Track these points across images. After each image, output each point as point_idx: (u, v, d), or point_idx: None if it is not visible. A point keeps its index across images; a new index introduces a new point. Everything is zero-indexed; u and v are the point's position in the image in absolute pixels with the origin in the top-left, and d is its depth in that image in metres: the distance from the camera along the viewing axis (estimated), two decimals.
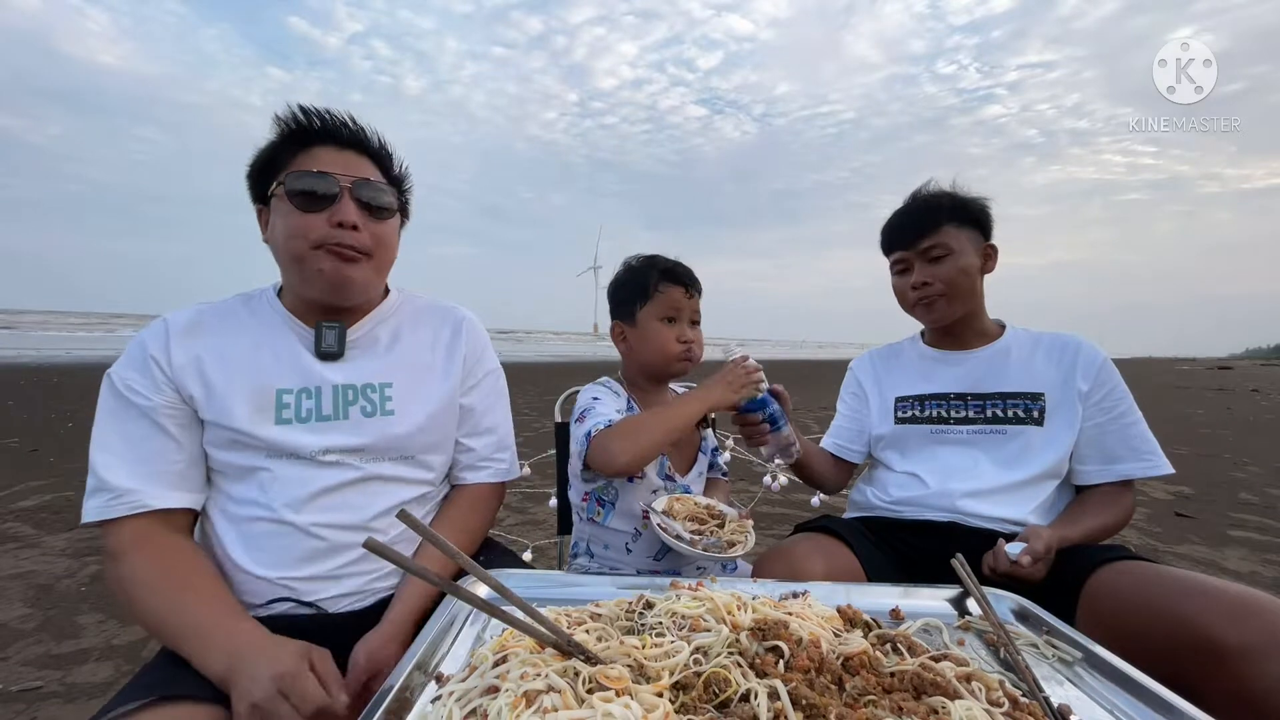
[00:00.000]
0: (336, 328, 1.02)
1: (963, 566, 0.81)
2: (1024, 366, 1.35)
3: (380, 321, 1.09)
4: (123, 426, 0.93)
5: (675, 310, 1.33)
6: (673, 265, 1.34)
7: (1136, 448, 1.26)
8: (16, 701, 1.75)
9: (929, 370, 1.45)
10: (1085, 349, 1.32)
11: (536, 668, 0.53)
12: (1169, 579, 0.93)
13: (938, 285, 1.33)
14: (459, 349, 1.14)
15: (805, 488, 1.64)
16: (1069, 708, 0.58)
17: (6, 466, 4.48)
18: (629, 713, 0.47)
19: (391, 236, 1.03)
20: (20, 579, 2.59)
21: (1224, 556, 3.30)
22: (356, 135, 1.00)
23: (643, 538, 1.32)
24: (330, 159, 0.96)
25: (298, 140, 0.97)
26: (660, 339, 1.32)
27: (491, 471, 1.17)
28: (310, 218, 0.93)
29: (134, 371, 0.94)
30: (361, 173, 0.98)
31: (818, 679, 0.56)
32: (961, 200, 1.36)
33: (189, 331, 0.97)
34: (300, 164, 0.95)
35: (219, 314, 1.02)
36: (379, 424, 1.02)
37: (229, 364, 0.96)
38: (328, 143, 0.97)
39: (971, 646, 0.73)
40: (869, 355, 1.62)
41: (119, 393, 0.94)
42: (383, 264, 1.03)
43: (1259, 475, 5.48)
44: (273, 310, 1.03)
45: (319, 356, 1.01)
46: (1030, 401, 1.31)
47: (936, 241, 1.32)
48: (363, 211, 0.96)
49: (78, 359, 15.36)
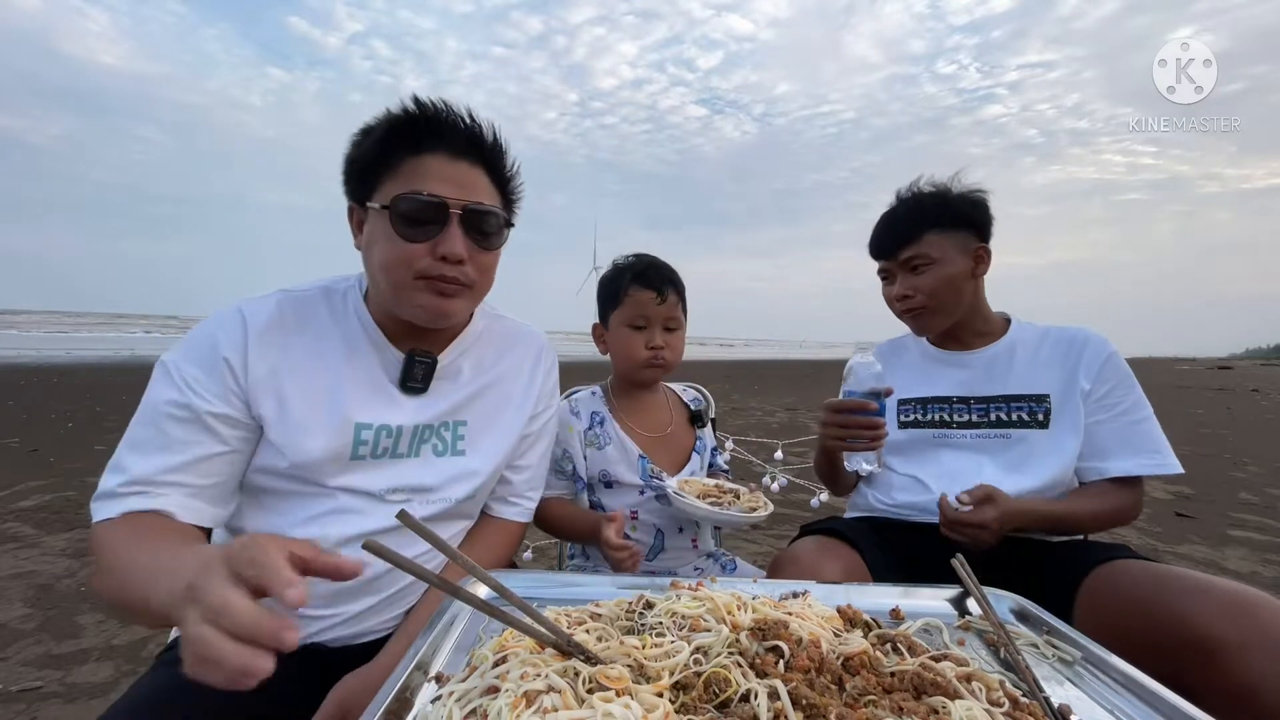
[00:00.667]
0: (428, 362, 0.95)
1: (963, 566, 0.81)
2: (1028, 367, 1.30)
3: (464, 351, 1.02)
4: (167, 427, 0.81)
5: (643, 317, 1.30)
6: (645, 268, 1.31)
7: (1138, 445, 1.21)
8: (16, 701, 1.75)
9: (931, 372, 1.41)
10: (1092, 344, 1.27)
11: (536, 668, 0.53)
12: (1164, 577, 0.93)
13: (919, 298, 1.30)
14: (536, 383, 1.09)
15: (805, 488, 1.64)
16: (1069, 708, 0.58)
17: (6, 466, 4.48)
18: (629, 713, 0.47)
19: (494, 265, 0.95)
20: (20, 579, 2.59)
21: (1224, 556, 3.30)
22: (472, 138, 0.89)
23: (633, 537, 1.32)
24: (441, 170, 0.86)
25: (408, 142, 0.86)
26: (627, 346, 1.31)
27: (520, 510, 1.11)
28: (413, 247, 0.84)
29: (199, 370, 0.83)
30: (474, 193, 0.88)
31: (818, 679, 0.56)
32: (947, 201, 1.30)
33: (269, 332, 0.87)
34: (408, 177, 0.85)
35: (301, 314, 0.92)
36: (449, 464, 0.97)
37: (310, 387, 0.87)
38: (439, 149, 0.86)
39: (972, 646, 0.73)
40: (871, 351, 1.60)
41: (176, 385, 0.82)
42: (481, 294, 0.96)
43: (1259, 475, 5.48)
44: (358, 321, 0.94)
45: (401, 388, 0.94)
46: (1034, 404, 1.27)
47: (917, 252, 1.28)
48: (469, 241, 0.88)
49: (78, 359, 15.36)
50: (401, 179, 0.85)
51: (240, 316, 0.87)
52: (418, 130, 0.86)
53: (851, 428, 1.14)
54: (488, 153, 0.91)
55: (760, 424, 7.63)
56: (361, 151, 0.88)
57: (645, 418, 1.40)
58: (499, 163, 0.93)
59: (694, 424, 1.46)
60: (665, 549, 1.35)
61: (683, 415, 1.47)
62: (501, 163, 0.94)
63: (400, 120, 0.87)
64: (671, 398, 1.49)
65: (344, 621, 0.90)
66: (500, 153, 0.93)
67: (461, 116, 0.88)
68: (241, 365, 0.84)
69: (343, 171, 0.91)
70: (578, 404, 1.38)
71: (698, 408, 1.49)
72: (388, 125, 0.87)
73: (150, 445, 0.81)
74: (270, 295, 0.92)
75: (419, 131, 0.86)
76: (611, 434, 1.35)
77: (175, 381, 0.82)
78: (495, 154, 0.92)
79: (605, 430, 1.35)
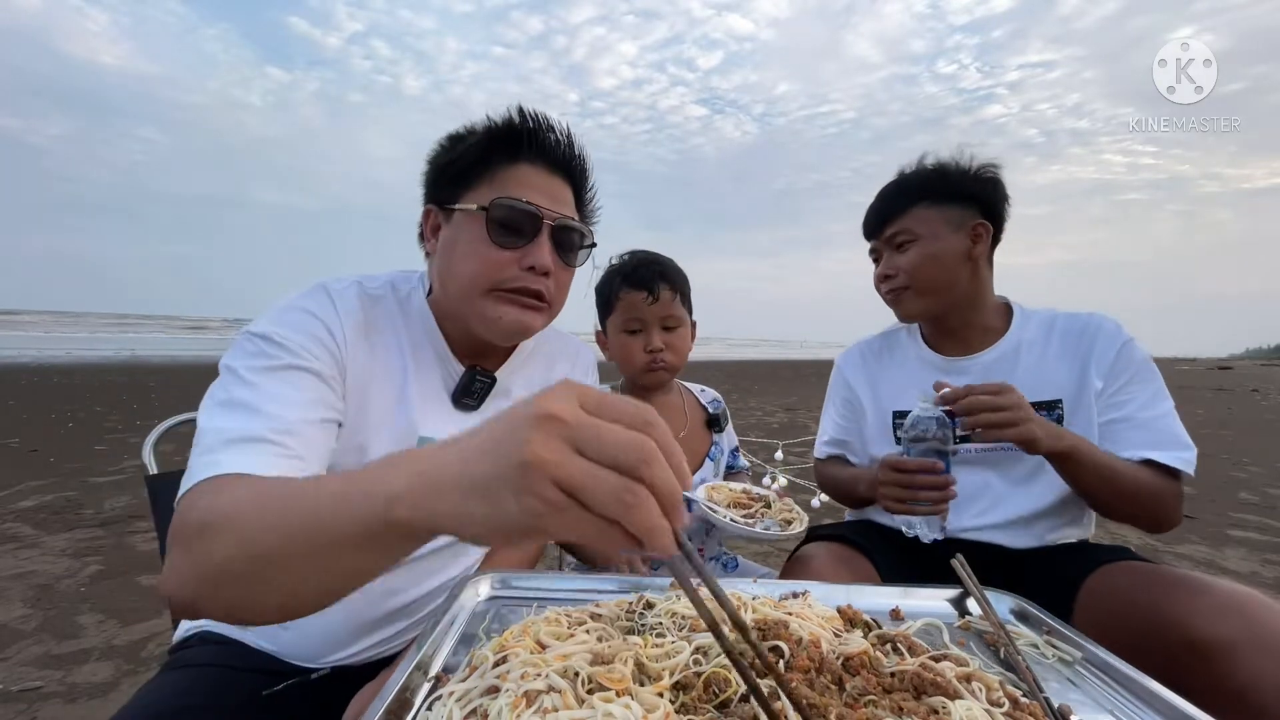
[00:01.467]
0: (488, 381, 0.93)
1: (963, 566, 0.81)
2: (1036, 369, 1.17)
3: (518, 368, 1.00)
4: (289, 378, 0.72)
5: (637, 320, 1.24)
6: (634, 267, 1.24)
7: (1158, 440, 1.07)
8: (16, 701, 1.75)
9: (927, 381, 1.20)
10: (1103, 335, 1.14)
11: (536, 668, 0.53)
12: (1163, 578, 0.93)
13: (900, 277, 1.19)
14: None
15: (805, 489, 1.64)
16: (1069, 708, 0.58)
17: (6, 466, 4.47)
18: (629, 713, 0.47)
19: (570, 284, 0.94)
20: (20, 579, 2.58)
21: (1224, 556, 3.30)
22: (567, 155, 0.89)
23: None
24: (537, 182, 0.85)
25: (507, 149, 0.85)
26: (624, 352, 1.27)
27: None
28: (502, 254, 0.83)
29: (303, 337, 0.76)
30: (564, 207, 0.88)
31: (818, 679, 0.56)
32: (945, 175, 1.19)
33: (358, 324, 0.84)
34: (506, 184, 0.84)
35: (378, 315, 0.88)
36: None
37: (387, 389, 0.85)
38: (537, 161, 0.86)
39: (972, 646, 0.73)
40: (858, 350, 1.41)
41: (284, 347, 0.73)
42: (556, 313, 0.94)
43: (1259, 475, 5.49)
44: (423, 328, 0.91)
45: (455, 403, 0.92)
46: (1046, 411, 1.15)
47: (900, 227, 1.18)
48: (555, 255, 0.87)
49: (78, 359, 15.35)
50: (498, 185, 0.84)
51: (328, 296, 0.82)
52: (519, 139, 0.85)
53: (915, 488, 1.01)
54: (577, 172, 0.92)
55: (760, 424, 7.63)
56: (456, 155, 0.86)
57: None
58: (584, 183, 0.94)
59: (710, 427, 1.41)
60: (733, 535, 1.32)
61: (699, 418, 1.41)
62: (586, 183, 0.95)
63: (503, 128, 0.86)
64: (688, 400, 1.43)
65: (374, 645, 0.90)
66: (586, 174, 0.94)
67: (561, 133, 0.88)
68: (344, 345, 0.80)
69: (426, 173, 0.90)
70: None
71: (716, 410, 1.42)
72: (489, 131, 0.86)
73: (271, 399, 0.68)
74: (348, 284, 0.87)
75: (520, 141, 0.85)
76: None
77: (282, 344, 0.73)
78: (583, 174, 0.93)
79: None
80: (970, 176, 1.19)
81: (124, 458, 4.85)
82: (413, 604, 0.92)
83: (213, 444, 0.63)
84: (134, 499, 3.76)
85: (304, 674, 0.85)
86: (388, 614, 0.90)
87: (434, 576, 0.93)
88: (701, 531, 1.35)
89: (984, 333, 1.23)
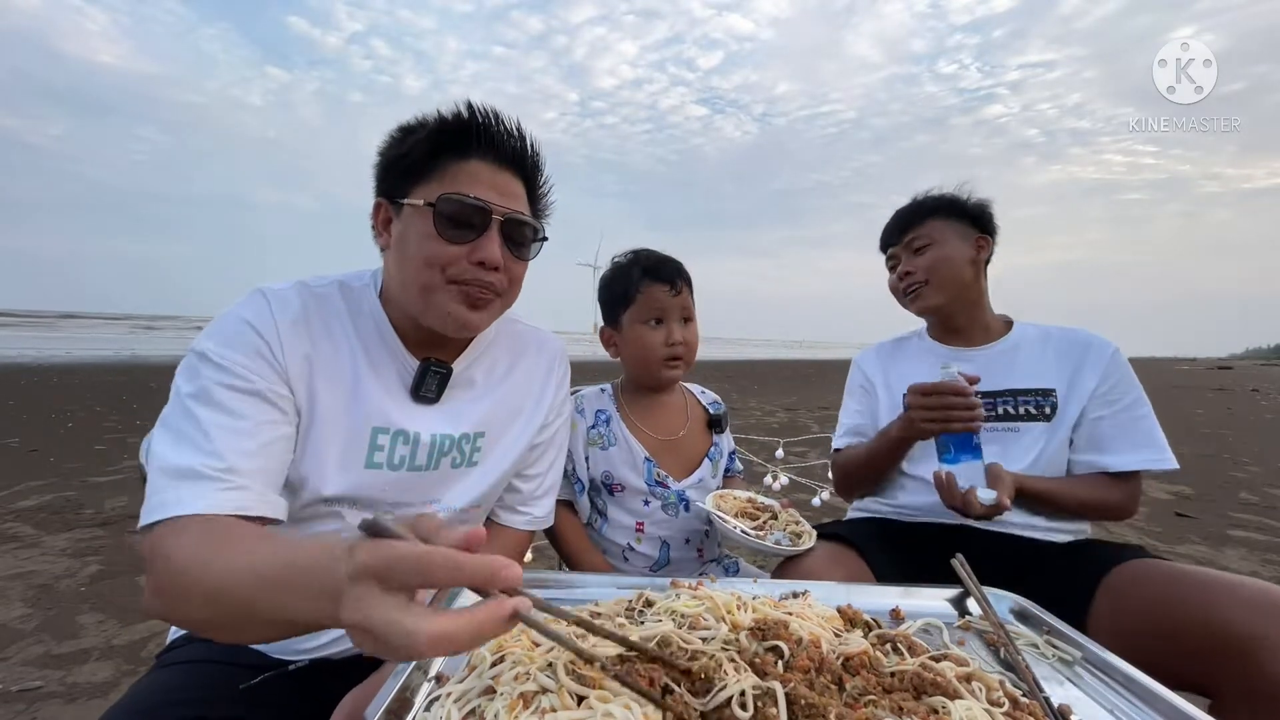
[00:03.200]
0: (443, 372, 0.93)
1: (963, 566, 0.81)
2: (1034, 362, 1.34)
3: (478, 358, 1.00)
4: (231, 404, 0.74)
5: (660, 310, 1.27)
6: (656, 263, 1.29)
7: (1136, 441, 1.23)
8: (16, 701, 1.76)
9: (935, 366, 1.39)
10: (1095, 343, 1.31)
11: (524, 665, 0.53)
12: (1188, 576, 0.93)
13: (919, 274, 1.38)
14: (549, 390, 1.07)
15: (806, 488, 1.64)
16: (1069, 708, 0.58)
17: (6, 466, 4.48)
18: (629, 713, 0.47)
19: (523, 277, 0.94)
20: (20, 579, 2.59)
21: (1224, 556, 3.30)
22: (518, 150, 0.89)
23: (638, 551, 1.30)
24: (487, 178, 0.85)
25: (457, 144, 0.85)
26: (645, 343, 1.28)
27: (527, 519, 1.08)
28: (451, 249, 0.83)
29: (241, 354, 0.78)
30: (515, 202, 0.88)
31: (818, 679, 0.56)
32: (954, 199, 1.41)
33: (297, 322, 0.84)
34: (455, 179, 0.84)
35: (321, 309, 0.88)
36: (462, 475, 0.96)
37: (332, 386, 0.85)
38: (487, 156, 0.86)
39: (972, 646, 0.73)
40: (875, 349, 1.60)
41: (222, 368, 0.76)
42: (508, 305, 0.94)
43: (1259, 475, 5.49)
44: (374, 323, 0.91)
45: (413, 397, 0.92)
46: (1041, 398, 1.30)
47: (919, 234, 1.38)
48: (506, 249, 0.87)
49: (78, 359, 15.36)
50: (447, 180, 0.84)
51: (264, 301, 0.83)
52: (468, 135, 0.85)
53: (948, 409, 1.13)
54: (529, 167, 0.92)
55: (760, 424, 7.63)
56: (404, 148, 0.85)
57: (656, 419, 1.35)
58: (536, 178, 0.94)
59: (711, 429, 1.41)
60: (671, 562, 1.32)
61: (699, 418, 1.42)
62: (538, 178, 0.94)
63: (452, 122, 0.85)
64: (690, 400, 1.44)
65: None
66: (539, 169, 0.94)
67: (511, 128, 0.88)
68: (279, 346, 0.80)
69: (376, 166, 0.89)
70: (583, 401, 1.35)
71: (716, 412, 1.43)
72: (438, 125, 0.85)
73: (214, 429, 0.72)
74: (288, 285, 0.88)
75: (469, 136, 0.85)
76: (617, 434, 1.31)
77: (220, 365, 0.76)
78: (535, 169, 0.93)
79: (611, 429, 1.32)
80: (972, 204, 1.42)
81: (124, 458, 4.85)
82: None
83: (164, 477, 0.69)
84: (134, 499, 3.76)
85: (282, 666, 0.86)
86: None
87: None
88: (701, 534, 1.35)
89: (985, 331, 1.42)
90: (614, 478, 1.29)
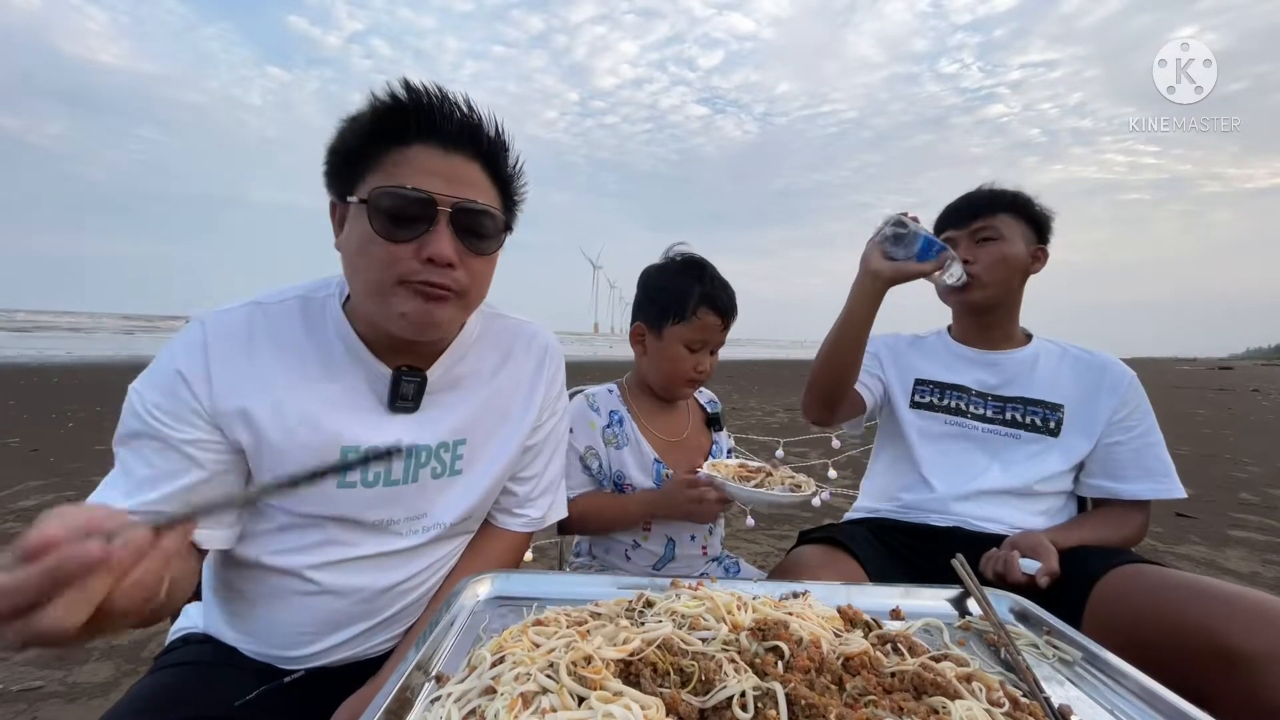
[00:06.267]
0: (417, 380, 0.86)
1: (963, 566, 0.81)
2: (1049, 377, 1.35)
3: (458, 360, 0.92)
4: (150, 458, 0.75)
5: (704, 340, 1.28)
6: (718, 291, 1.27)
7: (1150, 468, 1.25)
8: (17, 701, 1.76)
9: (954, 364, 1.44)
10: (1113, 368, 1.32)
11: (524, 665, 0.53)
12: (1181, 584, 0.93)
13: (978, 266, 1.32)
14: (539, 389, 1.01)
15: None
16: (1069, 708, 0.58)
17: (6, 466, 4.48)
18: (629, 714, 0.47)
19: (489, 272, 0.85)
20: None
21: (1224, 557, 3.30)
22: (469, 129, 0.79)
23: (641, 549, 1.31)
24: (431, 164, 0.76)
25: (396, 131, 0.76)
26: (675, 363, 1.29)
27: (524, 521, 1.04)
28: (395, 248, 0.75)
29: (159, 395, 0.76)
30: (468, 189, 0.78)
31: (818, 679, 0.56)
32: (1026, 199, 1.37)
33: (233, 349, 0.79)
34: (392, 170, 0.75)
35: (272, 328, 0.82)
36: (446, 485, 0.91)
37: (284, 410, 0.79)
38: (430, 139, 0.76)
39: (972, 646, 0.73)
40: (893, 335, 1.57)
41: (141, 415, 0.76)
42: (473, 302, 0.86)
43: (1259, 475, 5.49)
44: (338, 335, 0.85)
45: (391, 408, 0.86)
46: (1049, 411, 1.31)
47: (988, 224, 1.33)
48: (460, 243, 0.78)
49: (78, 359, 15.37)
50: (385, 172, 0.75)
51: (201, 331, 0.79)
52: (406, 118, 0.76)
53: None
54: (486, 147, 0.81)
55: (760, 424, 7.63)
56: (340, 142, 0.78)
57: (663, 421, 1.37)
58: (499, 158, 0.83)
59: (710, 427, 1.45)
60: (675, 558, 1.33)
61: (699, 418, 1.45)
62: (502, 159, 0.84)
63: (387, 107, 0.76)
64: (690, 400, 1.47)
65: (345, 643, 0.88)
66: (501, 147, 0.83)
67: (458, 104, 0.78)
68: (203, 382, 0.76)
69: (324, 162, 0.81)
70: (596, 400, 1.35)
71: (715, 410, 1.47)
72: (373, 112, 0.76)
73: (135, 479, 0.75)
74: (238, 306, 0.83)
75: (408, 120, 0.76)
76: (630, 434, 1.32)
77: (139, 411, 0.75)
78: (495, 148, 0.82)
79: (624, 430, 1.33)
80: (1042, 210, 1.37)
81: None
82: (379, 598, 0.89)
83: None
84: None
85: (278, 676, 0.85)
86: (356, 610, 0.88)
87: (396, 570, 0.89)
88: (705, 530, 1.36)
89: (1006, 338, 1.42)
90: (624, 477, 1.30)
